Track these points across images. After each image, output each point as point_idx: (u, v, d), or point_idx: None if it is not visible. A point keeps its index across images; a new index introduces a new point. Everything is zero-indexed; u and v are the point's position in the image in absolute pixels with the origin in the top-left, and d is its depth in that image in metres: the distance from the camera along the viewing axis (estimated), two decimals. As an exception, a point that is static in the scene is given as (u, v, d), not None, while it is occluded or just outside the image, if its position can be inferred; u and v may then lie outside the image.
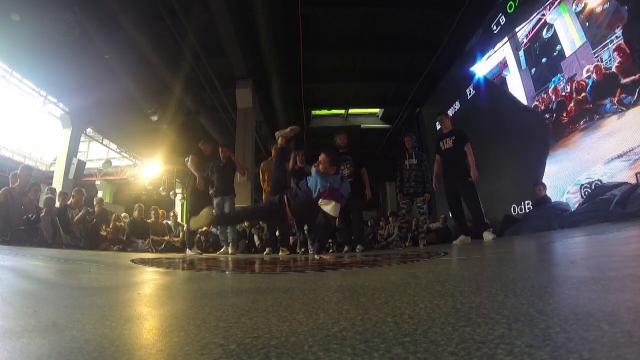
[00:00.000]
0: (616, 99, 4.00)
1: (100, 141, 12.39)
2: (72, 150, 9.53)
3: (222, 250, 4.77)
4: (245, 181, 7.60)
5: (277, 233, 4.84)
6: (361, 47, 8.07)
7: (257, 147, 9.68)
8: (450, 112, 8.45)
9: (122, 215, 7.30)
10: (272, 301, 0.82)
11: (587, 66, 4.40)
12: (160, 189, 12.68)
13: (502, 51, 6.26)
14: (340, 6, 6.85)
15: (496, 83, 6.55)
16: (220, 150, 4.80)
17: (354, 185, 4.46)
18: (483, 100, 6.95)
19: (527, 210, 5.44)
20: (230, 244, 4.64)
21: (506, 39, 6.10)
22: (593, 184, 4.24)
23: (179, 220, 8.11)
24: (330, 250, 5.70)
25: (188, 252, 4.59)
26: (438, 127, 9.20)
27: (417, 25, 7.51)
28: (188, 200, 5.06)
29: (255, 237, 6.82)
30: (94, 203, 6.40)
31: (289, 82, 8.36)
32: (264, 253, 4.87)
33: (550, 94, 5.12)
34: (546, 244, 2.36)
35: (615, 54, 3.96)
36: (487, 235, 3.87)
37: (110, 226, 5.96)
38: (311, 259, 2.73)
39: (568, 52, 4.74)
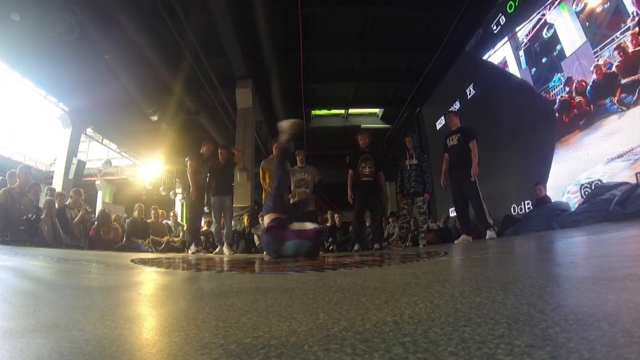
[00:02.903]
0: (616, 98, 4.00)
1: (100, 141, 12.39)
2: (72, 150, 9.53)
3: (216, 250, 4.79)
4: (245, 180, 7.61)
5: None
6: (361, 47, 8.07)
7: (257, 147, 9.68)
8: (450, 112, 8.45)
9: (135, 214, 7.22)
10: (272, 301, 0.82)
11: (588, 66, 4.40)
12: (160, 189, 12.67)
13: (502, 51, 6.25)
14: (340, 6, 6.85)
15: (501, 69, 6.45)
16: (219, 152, 4.81)
17: (373, 185, 4.50)
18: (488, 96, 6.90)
19: (527, 210, 5.44)
20: (226, 244, 4.68)
21: (506, 39, 6.10)
22: (593, 184, 4.24)
23: (179, 220, 8.10)
24: (330, 249, 5.70)
25: (189, 251, 4.62)
26: (438, 127, 9.22)
27: (417, 25, 7.51)
28: (188, 209, 5.04)
29: (255, 237, 6.82)
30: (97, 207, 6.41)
31: (289, 82, 8.36)
32: (264, 253, 4.88)
33: (550, 94, 5.12)
34: (546, 244, 2.36)
35: (616, 52, 3.96)
36: (489, 234, 3.88)
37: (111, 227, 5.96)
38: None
39: (568, 52, 4.73)
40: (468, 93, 7.53)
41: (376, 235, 4.59)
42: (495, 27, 6.42)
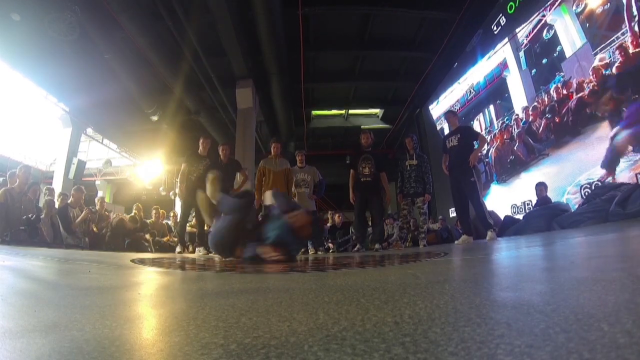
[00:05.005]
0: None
1: (100, 141, 12.39)
2: (72, 150, 9.53)
3: None
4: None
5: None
6: (361, 47, 8.07)
7: (257, 147, 9.68)
8: (450, 113, 8.45)
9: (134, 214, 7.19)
10: (272, 301, 0.82)
11: (588, 67, 4.40)
12: (161, 189, 12.67)
13: (503, 52, 6.26)
14: (340, 6, 6.85)
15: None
16: (220, 149, 4.74)
17: (373, 185, 4.46)
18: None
19: (527, 211, 5.44)
20: None
21: (506, 39, 6.11)
22: (593, 185, 4.24)
23: (179, 220, 8.09)
24: (331, 250, 5.70)
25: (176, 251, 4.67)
26: (438, 127, 9.23)
27: (417, 26, 7.51)
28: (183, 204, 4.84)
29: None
30: (96, 202, 6.40)
31: (289, 82, 8.36)
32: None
33: (550, 95, 5.13)
34: (546, 245, 2.36)
35: (617, 53, 3.96)
36: (490, 235, 3.88)
37: (111, 226, 5.95)
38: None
39: (568, 53, 4.74)
40: (468, 93, 7.53)
41: (377, 235, 4.58)
42: (495, 28, 6.43)
